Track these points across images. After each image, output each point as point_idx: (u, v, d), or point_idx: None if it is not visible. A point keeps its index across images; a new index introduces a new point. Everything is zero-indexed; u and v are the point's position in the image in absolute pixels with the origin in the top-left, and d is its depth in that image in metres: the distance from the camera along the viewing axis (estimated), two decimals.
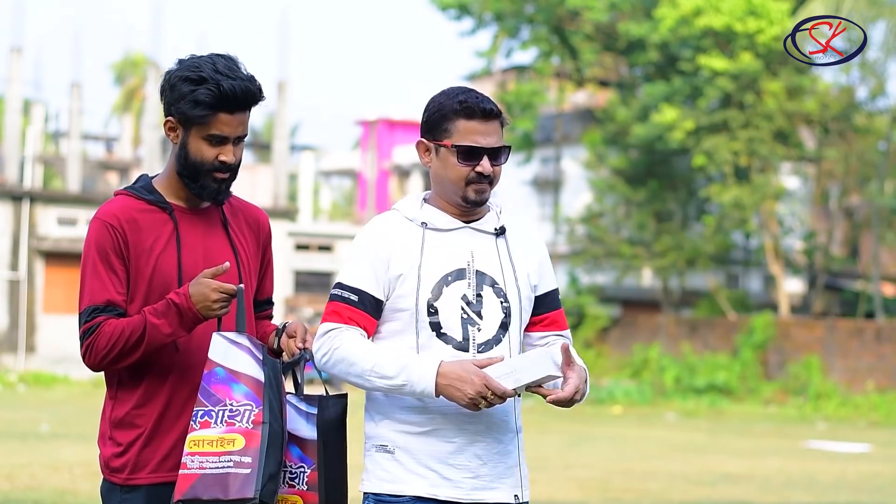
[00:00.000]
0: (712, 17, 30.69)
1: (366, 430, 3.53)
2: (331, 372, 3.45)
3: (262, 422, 3.39)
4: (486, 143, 3.48)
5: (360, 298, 3.45)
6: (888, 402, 28.02)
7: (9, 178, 34.30)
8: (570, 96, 41.35)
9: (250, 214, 3.81)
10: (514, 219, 3.64)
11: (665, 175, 34.91)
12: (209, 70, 3.50)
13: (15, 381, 27.64)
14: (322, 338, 3.45)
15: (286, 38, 52.09)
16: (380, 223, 3.54)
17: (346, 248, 38.55)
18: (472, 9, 35.20)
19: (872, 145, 33.73)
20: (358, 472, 3.55)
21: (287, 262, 35.47)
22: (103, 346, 3.46)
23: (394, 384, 3.37)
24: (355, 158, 55.89)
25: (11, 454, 14.08)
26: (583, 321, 35.36)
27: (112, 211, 3.54)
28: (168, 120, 3.56)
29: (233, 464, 3.35)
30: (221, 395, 3.42)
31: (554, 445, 18.21)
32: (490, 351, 3.46)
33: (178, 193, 3.62)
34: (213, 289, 3.43)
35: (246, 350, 3.46)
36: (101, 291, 3.49)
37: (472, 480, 3.45)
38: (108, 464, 3.56)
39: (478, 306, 3.48)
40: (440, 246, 3.51)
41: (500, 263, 3.54)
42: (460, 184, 3.49)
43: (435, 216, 3.53)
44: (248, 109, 3.57)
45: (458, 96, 3.49)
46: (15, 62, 34.89)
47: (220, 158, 3.56)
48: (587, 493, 12.70)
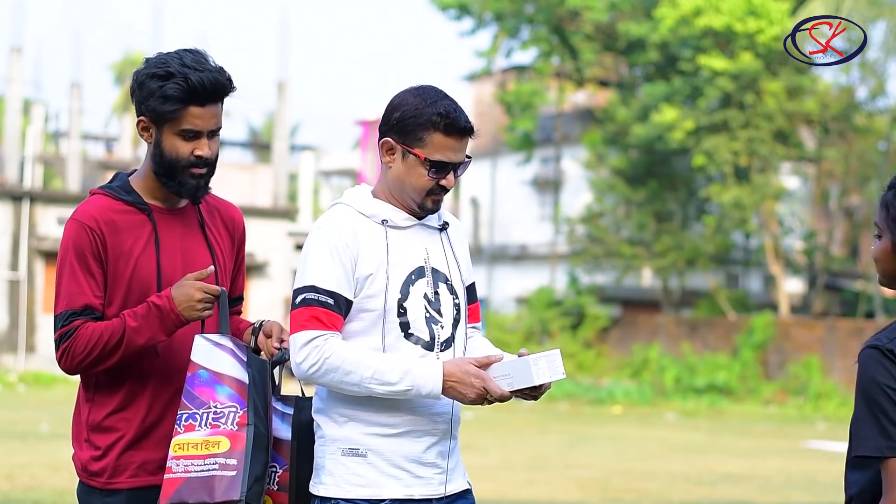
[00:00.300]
0: (712, 17, 30.69)
1: (325, 431, 3.45)
2: (319, 381, 3.37)
3: (247, 423, 3.36)
4: (457, 159, 3.46)
5: (335, 301, 3.37)
6: None
7: (9, 178, 34.30)
8: (570, 96, 41.35)
9: (226, 213, 3.74)
10: (444, 211, 3.63)
11: (665, 175, 34.91)
12: (176, 64, 3.46)
13: (15, 381, 27.63)
14: (306, 347, 3.34)
15: (286, 38, 52.11)
16: (339, 220, 3.45)
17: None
18: (472, 9, 35.19)
19: (872, 145, 33.73)
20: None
21: (287, 262, 35.44)
22: (81, 349, 3.42)
23: (397, 390, 3.34)
24: (355, 158, 55.90)
25: (11, 454, 14.08)
26: (583, 321, 35.36)
27: (90, 212, 3.49)
28: (140, 119, 3.51)
29: (218, 466, 3.33)
30: (205, 398, 3.39)
31: (554, 445, 18.21)
32: (448, 350, 3.47)
33: (155, 193, 3.56)
34: (198, 289, 3.40)
35: (229, 352, 3.43)
36: (78, 295, 3.45)
37: (439, 475, 3.47)
38: (87, 467, 3.53)
39: (437, 304, 3.48)
40: (401, 244, 3.47)
41: (447, 260, 3.54)
42: (422, 193, 3.46)
43: (391, 213, 3.49)
44: (219, 101, 3.52)
45: (436, 105, 3.42)
46: (15, 62, 34.88)
47: (196, 153, 3.50)
48: (587, 493, 12.69)
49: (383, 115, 3.50)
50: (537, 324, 35.29)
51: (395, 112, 3.45)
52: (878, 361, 2.84)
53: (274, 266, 34.70)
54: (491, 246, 43.42)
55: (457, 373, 3.34)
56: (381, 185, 3.52)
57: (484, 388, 3.32)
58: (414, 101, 3.44)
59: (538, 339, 34.68)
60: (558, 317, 35.48)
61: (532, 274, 40.28)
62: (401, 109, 3.44)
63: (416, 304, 3.43)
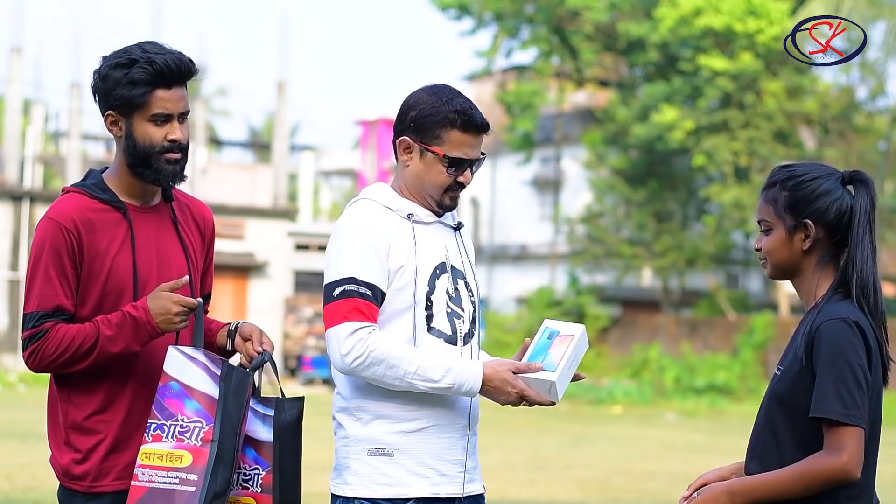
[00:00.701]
0: (712, 17, 30.70)
1: (348, 431, 3.46)
2: (360, 374, 3.37)
3: (211, 440, 3.36)
4: (474, 156, 3.50)
5: (373, 293, 3.40)
6: (888, 402, 27.98)
7: (9, 178, 34.31)
8: (570, 96, 41.36)
9: (197, 210, 3.71)
10: (456, 212, 3.69)
11: (665, 175, 34.91)
12: (138, 52, 3.45)
13: (15, 381, 27.64)
14: (351, 338, 3.35)
15: (286, 38, 52.12)
16: (368, 213, 3.48)
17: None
18: (472, 9, 35.20)
19: (872, 145, 33.74)
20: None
21: (287, 262, 35.45)
22: (51, 351, 3.40)
23: (439, 386, 3.37)
24: (355, 158, 55.90)
25: (11, 454, 14.07)
26: (583, 321, 35.33)
27: (66, 212, 3.44)
28: (108, 114, 3.48)
29: (178, 481, 3.34)
30: (174, 410, 3.39)
31: (554, 445, 18.21)
32: (467, 345, 3.51)
33: (130, 190, 3.53)
34: (175, 301, 3.38)
35: (202, 366, 3.42)
36: (50, 297, 3.42)
37: (463, 474, 3.50)
38: (68, 471, 3.48)
39: (457, 300, 3.52)
40: (426, 239, 3.51)
41: (462, 259, 3.59)
42: (440, 190, 3.50)
43: (415, 208, 3.53)
44: (185, 83, 3.50)
45: (452, 103, 3.46)
46: (15, 62, 34.89)
47: (170, 137, 3.47)
48: (587, 493, 12.70)
49: (398, 114, 3.54)
50: (537, 324, 35.28)
51: (411, 111, 3.49)
52: (849, 333, 3.05)
53: (274, 266, 34.70)
54: (491, 246, 43.43)
55: (496, 377, 3.40)
56: (398, 184, 3.56)
57: (520, 397, 3.42)
58: (430, 100, 3.48)
59: None
60: (558, 317, 35.49)
61: (532, 274, 40.29)
62: (417, 108, 3.48)
63: (440, 298, 3.47)
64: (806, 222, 3.18)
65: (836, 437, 3.02)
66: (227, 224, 34.44)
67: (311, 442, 3.71)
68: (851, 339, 3.06)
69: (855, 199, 3.19)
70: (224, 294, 33.67)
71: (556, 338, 3.52)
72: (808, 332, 3.11)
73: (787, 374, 3.15)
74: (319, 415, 7.28)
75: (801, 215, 3.18)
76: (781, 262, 3.24)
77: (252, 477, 3.49)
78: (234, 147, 57.62)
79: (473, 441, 3.54)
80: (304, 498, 3.62)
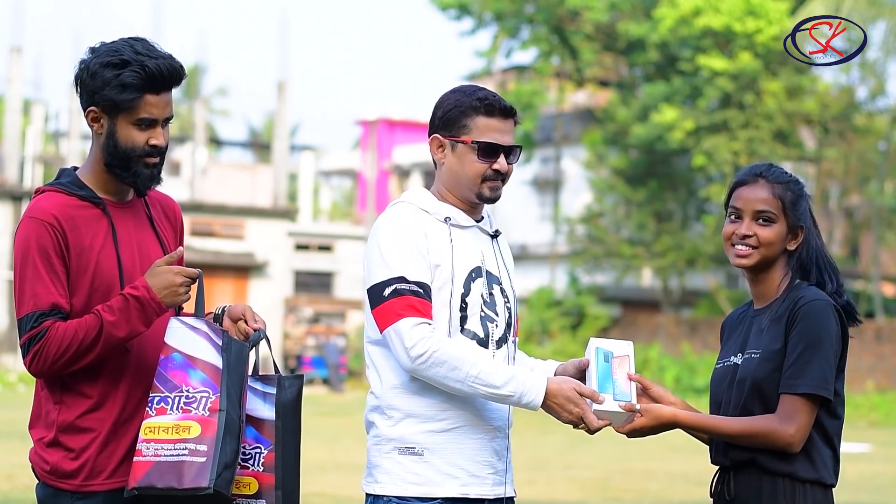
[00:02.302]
0: (711, 18, 30.70)
1: (380, 430, 3.47)
2: (423, 373, 3.37)
3: (219, 409, 3.32)
4: (504, 142, 3.51)
5: (424, 290, 3.41)
6: (888, 402, 28.01)
7: (9, 178, 34.32)
8: (570, 96, 41.36)
9: (167, 205, 3.68)
10: (494, 220, 3.71)
11: (665, 175, 34.92)
12: (129, 52, 3.39)
13: (15, 381, 27.66)
14: (415, 331, 3.35)
15: (286, 38, 52.12)
16: (405, 215, 3.50)
17: (345, 249, 38.54)
18: (472, 9, 35.21)
19: (872, 145, 33.74)
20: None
21: (287, 262, 35.46)
22: (54, 350, 3.33)
23: (500, 393, 3.36)
24: (355, 158, 55.89)
25: (11, 454, 14.07)
26: (583, 321, 35.36)
27: (48, 209, 3.39)
28: (91, 110, 3.43)
29: (188, 451, 3.29)
30: (178, 381, 3.35)
31: (554, 445, 18.21)
32: (501, 349, 3.52)
33: (106, 187, 3.48)
34: (177, 273, 3.35)
35: (204, 336, 3.40)
36: (45, 295, 3.35)
37: (493, 476, 3.50)
38: (58, 469, 3.41)
39: (492, 305, 3.53)
40: (462, 242, 3.52)
41: (498, 266, 3.59)
42: (477, 181, 3.51)
43: (453, 212, 3.54)
44: (172, 89, 3.47)
45: (475, 93, 3.52)
46: (15, 62, 34.90)
47: (151, 142, 3.43)
48: (587, 493, 12.70)
49: (430, 120, 3.58)
50: (537, 324, 35.30)
51: (437, 111, 3.55)
52: (832, 315, 3.32)
53: (274, 266, 34.70)
54: None
55: (560, 395, 3.39)
56: (437, 186, 3.59)
57: (581, 418, 3.39)
58: (454, 97, 3.54)
59: (538, 339, 34.70)
60: (558, 317, 35.49)
61: (532, 274, 40.28)
62: (443, 107, 3.54)
63: (474, 301, 3.48)
64: (803, 226, 3.44)
65: (793, 406, 3.29)
66: (227, 224, 34.45)
67: (311, 442, 3.70)
68: (831, 319, 3.32)
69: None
70: (224, 294, 33.66)
71: (614, 359, 3.50)
72: (790, 312, 3.33)
73: (768, 355, 3.35)
74: (320, 415, 7.29)
75: (800, 219, 3.44)
76: (771, 255, 3.43)
77: (253, 456, 3.46)
78: (234, 147, 57.66)
79: (505, 444, 3.54)
80: (304, 498, 3.62)
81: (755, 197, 3.40)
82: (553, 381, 3.41)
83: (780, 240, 3.41)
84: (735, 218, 3.43)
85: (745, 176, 3.46)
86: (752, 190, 3.41)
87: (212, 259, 33.33)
